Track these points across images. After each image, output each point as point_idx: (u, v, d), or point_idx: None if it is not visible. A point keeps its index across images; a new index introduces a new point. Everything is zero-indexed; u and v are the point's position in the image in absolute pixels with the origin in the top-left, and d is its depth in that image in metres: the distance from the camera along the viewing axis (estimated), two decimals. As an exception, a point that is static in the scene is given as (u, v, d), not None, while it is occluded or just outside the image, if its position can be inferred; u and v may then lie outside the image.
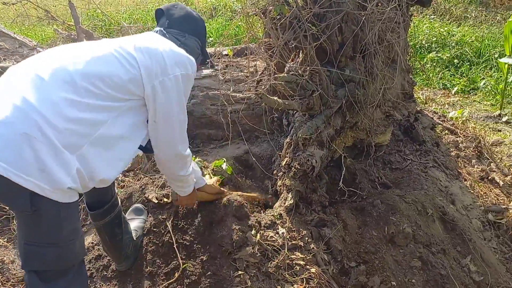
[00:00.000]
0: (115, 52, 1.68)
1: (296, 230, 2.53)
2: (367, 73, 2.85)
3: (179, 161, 1.97)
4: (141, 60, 1.69)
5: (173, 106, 1.79)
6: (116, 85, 1.64)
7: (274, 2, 2.36)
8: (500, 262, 2.89)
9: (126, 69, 1.66)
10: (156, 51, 1.74)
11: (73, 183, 1.53)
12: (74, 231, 1.65)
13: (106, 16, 6.50)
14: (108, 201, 2.16)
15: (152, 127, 1.81)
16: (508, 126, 4.87)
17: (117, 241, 2.26)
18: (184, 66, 1.80)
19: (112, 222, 2.21)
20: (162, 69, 1.72)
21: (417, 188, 3.05)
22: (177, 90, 1.78)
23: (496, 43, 6.82)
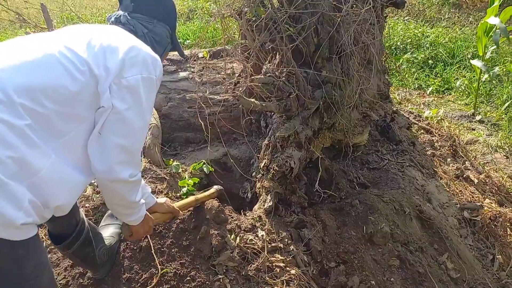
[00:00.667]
0: (60, 56, 1.38)
1: (275, 232, 2.53)
2: (344, 74, 2.87)
3: (128, 185, 1.57)
4: (94, 63, 1.40)
5: (129, 113, 1.46)
6: (65, 98, 1.36)
7: (250, 4, 2.35)
8: (476, 259, 2.95)
9: (75, 77, 1.37)
10: (114, 48, 1.46)
11: (27, 217, 1.32)
12: (39, 266, 1.45)
13: (80, 18, 6.38)
14: (74, 229, 1.91)
15: (97, 141, 1.47)
16: (482, 125, 4.98)
17: (91, 258, 2.09)
18: (147, 68, 1.51)
19: (82, 246, 1.98)
20: (120, 71, 1.44)
21: (395, 188, 3.09)
22: (136, 96, 1.47)
23: (468, 43, 6.97)
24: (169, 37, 1.83)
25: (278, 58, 2.67)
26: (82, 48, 1.42)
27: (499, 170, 4.04)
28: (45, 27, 4.91)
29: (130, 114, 1.47)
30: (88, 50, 1.43)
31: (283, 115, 2.79)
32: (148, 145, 2.98)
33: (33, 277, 1.43)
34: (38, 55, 1.37)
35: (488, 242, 3.09)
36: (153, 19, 1.74)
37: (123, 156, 1.50)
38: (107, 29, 1.61)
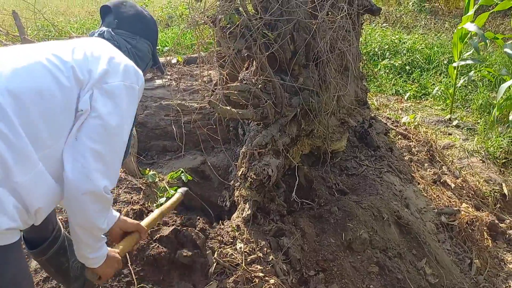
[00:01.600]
0: (46, 62, 1.39)
1: (254, 241, 2.49)
2: (321, 81, 2.87)
3: (99, 200, 1.46)
4: (79, 69, 1.42)
5: (109, 118, 1.43)
6: (51, 103, 1.36)
7: (224, 11, 2.33)
8: (454, 264, 2.97)
9: (61, 82, 1.38)
10: (97, 57, 1.48)
11: (11, 222, 1.30)
12: (19, 273, 1.43)
13: (54, 26, 6.26)
14: (50, 235, 1.86)
15: (72, 146, 1.41)
16: (458, 129, 5.06)
17: (64, 270, 2.02)
18: (129, 77, 1.52)
19: (56, 254, 1.92)
20: (102, 76, 1.44)
21: (373, 193, 3.09)
22: (117, 103, 1.46)
23: (444, 49, 7.10)
24: (150, 53, 1.86)
25: (254, 66, 2.65)
26: (67, 54, 1.44)
27: (475, 174, 4.09)
28: (17, 35, 4.80)
29: (110, 119, 1.44)
30: (73, 56, 1.45)
31: (260, 123, 2.77)
32: (128, 149, 2.92)
33: (12, 285, 1.40)
34: (26, 62, 1.37)
35: (465, 247, 3.12)
36: (136, 35, 1.77)
37: (99, 165, 1.43)
38: (91, 40, 1.65)
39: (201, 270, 2.27)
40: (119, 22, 1.75)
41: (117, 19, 1.75)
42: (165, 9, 10.24)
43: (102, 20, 1.83)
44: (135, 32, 1.77)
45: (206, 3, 2.41)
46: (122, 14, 1.77)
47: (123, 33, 1.74)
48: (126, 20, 1.76)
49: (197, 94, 3.38)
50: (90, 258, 1.61)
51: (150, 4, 10.55)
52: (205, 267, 2.28)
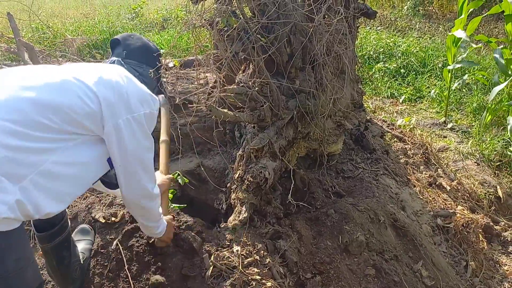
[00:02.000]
0: (72, 83, 1.56)
1: (251, 244, 2.49)
2: (317, 84, 2.87)
3: (149, 202, 1.87)
4: (103, 95, 1.59)
5: (140, 146, 1.70)
6: (69, 118, 1.52)
7: (221, 14, 2.33)
8: (450, 266, 2.98)
9: (84, 102, 1.55)
10: (119, 86, 1.65)
11: (10, 213, 1.40)
12: (22, 259, 1.50)
13: (49, 28, 6.24)
14: (58, 223, 2.01)
15: (118, 171, 1.72)
16: (453, 132, 5.08)
17: (65, 265, 2.12)
18: (148, 104, 1.73)
19: (61, 245, 2.07)
20: (126, 107, 1.64)
21: (369, 196, 3.10)
22: (142, 130, 1.70)
23: (439, 53, 7.14)
24: (156, 80, 2.10)
25: (251, 68, 2.66)
26: (92, 81, 1.61)
27: (470, 177, 4.12)
28: (11, 37, 4.78)
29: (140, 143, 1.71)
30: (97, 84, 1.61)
31: (257, 125, 2.77)
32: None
33: (16, 269, 1.47)
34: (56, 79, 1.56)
35: (461, 249, 3.14)
36: (143, 64, 2.02)
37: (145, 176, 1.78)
38: (111, 68, 1.81)
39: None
40: (127, 53, 2.00)
41: (126, 50, 2.00)
42: (160, 12, 10.24)
43: (112, 52, 2.08)
44: (141, 61, 2.02)
45: (203, 6, 2.41)
46: (130, 45, 2.03)
47: (132, 62, 1.98)
48: (133, 51, 2.01)
49: (193, 97, 3.37)
50: (156, 233, 2.06)
51: (145, 7, 10.55)
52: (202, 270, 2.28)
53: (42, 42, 6.00)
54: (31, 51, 4.12)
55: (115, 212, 2.54)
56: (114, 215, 2.51)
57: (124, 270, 2.25)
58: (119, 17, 9.20)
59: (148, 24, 9.10)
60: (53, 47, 5.68)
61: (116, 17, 9.15)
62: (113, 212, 2.54)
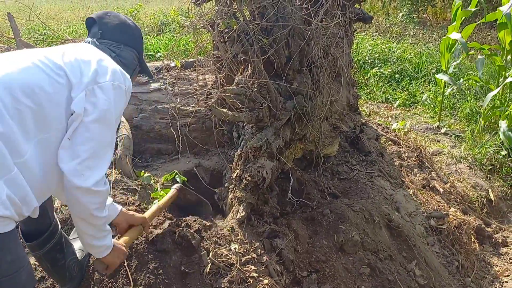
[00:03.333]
0: (39, 62, 1.51)
1: (248, 242, 2.53)
2: (314, 86, 2.93)
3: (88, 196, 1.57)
4: (70, 70, 1.54)
5: (100, 117, 1.55)
6: (41, 98, 1.45)
7: (222, 16, 2.39)
8: (442, 266, 3.04)
9: (53, 79, 1.50)
10: (87, 61, 1.60)
11: (4, 210, 1.36)
12: (17, 261, 1.47)
13: (49, 29, 6.26)
14: (46, 229, 1.93)
15: (66, 146, 1.53)
16: (446, 137, 5.16)
17: (59, 267, 2.07)
18: (117, 77, 1.64)
19: (53, 250, 1.99)
20: (93, 78, 1.56)
21: (364, 197, 3.15)
22: (108, 102, 1.57)
23: (433, 59, 7.25)
24: (136, 60, 1.97)
25: (250, 70, 2.71)
26: (59, 58, 1.57)
27: (463, 180, 4.19)
28: (11, 37, 4.81)
29: (101, 118, 1.57)
30: (64, 59, 1.57)
31: (255, 126, 2.82)
32: (119, 156, 2.94)
33: (10, 272, 1.44)
34: (21, 61, 1.50)
35: (453, 249, 3.19)
36: (120, 44, 1.88)
37: (91, 161, 1.55)
38: (80, 45, 1.78)
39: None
40: (103, 33, 1.86)
41: (101, 29, 1.87)
42: (157, 16, 10.29)
43: (88, 32, 1.94)
44: (119, 41, 1.88)
45: (204, 8, 2.47)
46: (106, 24, 1.88)
47: (108, 42, 1.85)
48: (110, 30, 1.87)
49: (192, 98, 3.42)
50: (95, 247, 1.76)
51: (142, 11, 10.60)
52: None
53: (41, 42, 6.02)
54: (31, 52, 4.13)
55: (114, 210, 2.56)
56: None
57: (124, 266, 2.28)
58: (116, 20, 9.20)
59: (146, 28, 9.14)
60: (52, 47, 5.68)
61: (113, 20, 9.16)
62: (113, 210, 2.57)
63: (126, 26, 1.93)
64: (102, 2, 12.76)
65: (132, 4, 12.12)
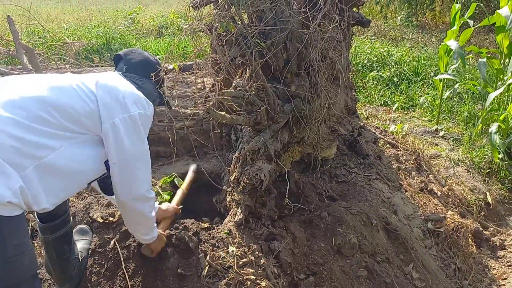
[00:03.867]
0: (75, 86, 1.72)
1: (246, 245, 2.53)
2: (312, 89, 2.94)
3: (142, 203, 1.93)
4: (101, 97, 1.74)
5: (135, 144, 1.80)
6: (71, 117, 1.66)
7: (220, 19, 2.40)
8: (440, 269, 3.04)
9: (85, 102, 1.70)
10: (116, 89, 1.80)
11: (14, 198, 1.49)
12: (22, 245, 1.57)
13: (48, 32, 6.28)
14: (61, 215, 2.11)
15: (113, 169, 1.80)
16: (444, 140, 5.18)
17: (64, 260, 2.17)
18: (143, 106, 1.86)
19: (62, 239, 2.14)
20: (122, 107, 1.77)
21: (362, 200, 3.16)
22: (137, 130, 1.81)
23: (431, 62, 7.27)
24: (156, 92, 2.21)
25: (248, 73, 2.72)
26: (93, 85, 1.78)
27: (461, 183, 4.20)
28: (11, 39, 4.82)
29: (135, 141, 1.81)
30: (96, 87, 1.78)
31: (253, 129, 2.83)
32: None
33: (15, 254, 1.53)
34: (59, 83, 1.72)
35: (451, 252, 3.20)
36: (142, 78, 2.12)
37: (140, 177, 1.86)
38: (111, 74, 2.01)
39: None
40: (128, 67, 2.12)
41: (126, 64, 2.13)
42: (156, 19, 10.32)
43: (115, 66, 2.22)
44: (141, 75, 2.13)
45: (203, 11, 2.48)
46: (131, 60, 2.15)
47: (132, 76, 2.08)
48: (134, 66, 2.14)
49: (190, 101, 3.43)
50: (145, 239, 2.11)
51: (141, 13, 10.62)
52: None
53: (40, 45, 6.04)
54: (31, 54, 4.16)
55: (112, 212, 2.58)
56: (111, 215, 2.55)
57: (121, 269, 2.29)
58: (115, 23, 9.26)
59: (145, 31, 9.17)
60: (52, 50, 5.71)
61: (112, 23, 9.21)
62: (111, 212, 2.58)
63: (148, 62, 2.20)
64: (102, 5, 12.79)
65: (131, 6, 12.15)
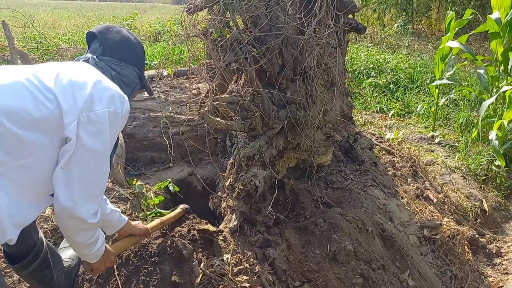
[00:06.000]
0: (27, 83, 1.42)
1: (240, 251, 2.51)
2: (307, 95, 2.94)
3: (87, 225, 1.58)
4: (61, 94, 1.45)
5: (95, 146, 1.49)
6: (25, 122, 1.38)
7: (215, 24, 2.40)
8: (436, 276, 3.02)
9: (40, 103, 1.41)
10: (82, 84, 1.51)
11: None
12: None
13: (43, 36, 6.27)
14: (31, 251, 1.87)
15: (62, 176, 1.48)
16: (440, 147, 5.18)
17: (47, 281, 2.03)
18: (113, 102, 1.55)
19: (39, 268, 1.94)
20: (87, 104, 1.47)
21: (358, 207, 3.14)
22: (102, 130, 1.50)
23: (427, 69, 7.30)
24: (137, 78, 1.89)
25: (243, 79, 2.71)
26: (51, 79, 1.48)
27: (457, 190, 4.19)
28: (5, 45, 4.80)
29: (95, 147, 1.50)
30: (56, 82, 1.48)
31: (248, 134, 2.82)
32: (112, 165, 2.93)
33: None
34: (6, 81, 1.41)
35: (447, 260, 3.18)
36: (121, 62, 1.80)
37: (87, 191, 1.53)
38: (76, 65, 1.66)
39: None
40: (104, 49, 1.77)
41: (102, 45, 1.78)
42: (153, 25, 10.34)
43: (88, 46, 1.86)
44: (120, 59, 1.79)
45: (197, 17, 2.47)
46: (108, 40, 1.79)
47: (108, 60, 1.76)
48: (111, 47, 1.78)
49: (185, 107, 3.42)
50: (87, 255, 1.75)
51: (138, 19, 10.64)
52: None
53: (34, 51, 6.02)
54: (26, 59, 4.14)
55: (106, 218, 2.54)
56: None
57: (114, 276, 2.26)
58: (112, 29, 9.24)
59: (142, 36, 9.18)
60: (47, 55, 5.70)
61: (109, 29, 9.20)
62: (104, 218, 2.55)
63: (128, 43, 1.84)
64: (99, 11, 12.82)
65: (128, 12, 12.18)
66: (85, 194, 1.52)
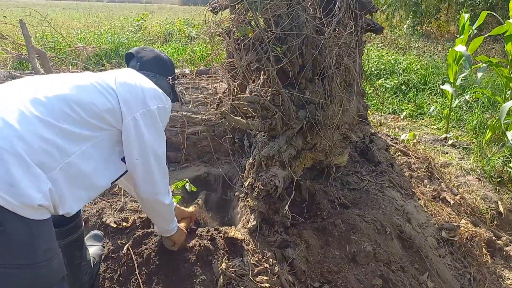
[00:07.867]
0: (95, 83, 1.74)
1: (260, 252, 2.50)
2: (326, 95, 2.92)
3: (167, 207, 2.01)
4: (120, 93, 1.76)
5: (155, 138, 1.83)
6: (94, 113, 1.67)
7: (238, 24, 2.39)
8: (454, 278, 2.99)
9: (106, 98, 1.71)
10: (134, 85, 1.82)
11: (44, 200, 1.48)
12: (50, 250, 1.56)
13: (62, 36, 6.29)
14: (72, 220, 2.07)
15: (135, 165, 1.82)
16: (454, 148, 5.14)
17: (75, 266, 2.14)
18: (160, 99, 1.89)
19: (73, 244, 2.12)
20: (141, 102, 1.79)
21: (375, 208, 3.12)
22: (156, 123, 1.84)
23: (439, 71, 7.26)
24: (170, 88, 2.20)
25: (262, 78, 2.70)
26: (112, 81, 1.80)
27: (472, 192, 4.16)
28: (23, 44, 4.82)
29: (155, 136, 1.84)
30: (116, 83, 1.80)
31: (268, 134, 2.81)
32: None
33: (45, 259, 1.52)
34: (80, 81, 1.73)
35: (465, 262, 3.15)
36: (156, 74, 2.13)
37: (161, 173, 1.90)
38: (128, 71, 2.00)
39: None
40: (141, 65, 2.12)
41: (139, 62, 2.13)
42: (163, 25, 10.36)
43: (127, 65, 2.22)
44: (155, 72, 2.12)
45: (221, 16, 2.47)
46: (143, 58, 2.14)
47: (145, 73, 2.06)
48: (147, 63, 2.13)
49: (201, 106, 3.41)
50: (167, 230, 2.17)
51: (148, 20, 10.67)
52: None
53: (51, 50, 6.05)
54: (44, 58, 4.16)
55: (126, 217, 2.55)
56: (125, 220, 2.52)
57: (135, 274, 2.25)
58: (123, 29, 9.30)
59: (151, 37, 9.21)
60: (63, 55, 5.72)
61: (120, 29, 9.25)
62: (124, 217, 2.55)
63: (160, 59, 2.19)
64: (108, 11, 12.87)
65: (137, 13, 12.21)
66: (160, 177, 1.89)
